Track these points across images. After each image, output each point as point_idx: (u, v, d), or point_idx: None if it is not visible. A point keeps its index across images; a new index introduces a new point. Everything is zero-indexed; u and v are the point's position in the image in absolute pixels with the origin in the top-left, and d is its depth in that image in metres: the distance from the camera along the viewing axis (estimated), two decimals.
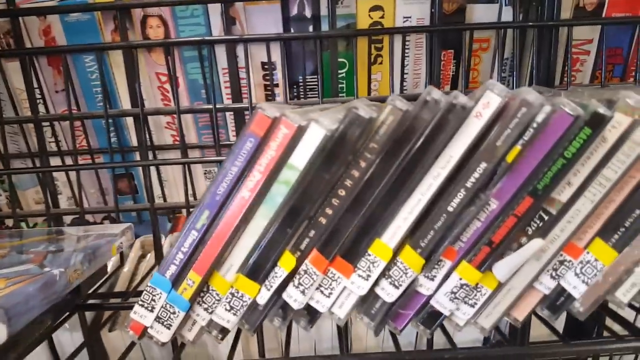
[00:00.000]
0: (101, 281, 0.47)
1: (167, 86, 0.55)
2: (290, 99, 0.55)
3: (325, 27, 0.52)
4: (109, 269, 0.52)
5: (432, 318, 0.34)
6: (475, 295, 0.33)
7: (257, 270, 0.32)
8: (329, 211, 0.32)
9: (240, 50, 0.53)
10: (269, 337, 0.63)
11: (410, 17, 0.53)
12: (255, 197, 0.31)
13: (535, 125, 0.29)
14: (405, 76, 0.55)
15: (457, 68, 0.55)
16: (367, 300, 0.34)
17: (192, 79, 0.55)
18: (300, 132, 0.30)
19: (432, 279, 0.33)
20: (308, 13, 0.52)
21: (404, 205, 0.32)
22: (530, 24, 0.50)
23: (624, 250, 0.32)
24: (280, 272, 0.32)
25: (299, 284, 0.32)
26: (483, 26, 0.51)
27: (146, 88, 0.55)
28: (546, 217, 0.31)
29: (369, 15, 0.52)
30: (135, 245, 0.58)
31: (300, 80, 0.55)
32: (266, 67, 0.54)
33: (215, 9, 0.52)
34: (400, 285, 0.32)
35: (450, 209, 0.32)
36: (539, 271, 0.32)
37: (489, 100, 0.30)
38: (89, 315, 0.55)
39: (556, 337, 0.40)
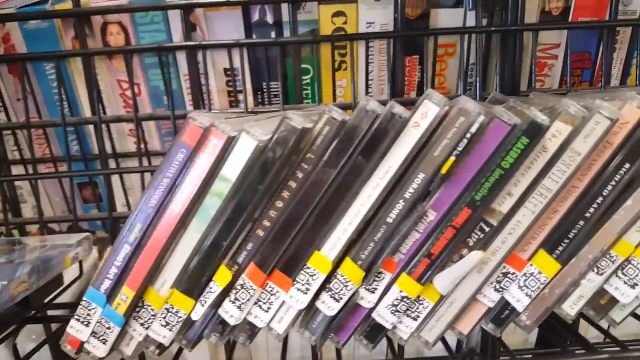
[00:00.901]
0: (57, 292, 0.47)
1: (129, 93, 0.54)
2: (255, 105, 0.55)
3: (288, 33, 0.51)
4: (68, 279, 0.51)
5: (374, 331, 0.33)
6: (418, 308, 0.32)
7: (191, 285, 0.32)
8: (266, 223, 0.31)
9: (200, 56, 0.52)
10: (238, 345, 0.62)
11: (373, 23, 0.52)
12: (187, 209, 0.30)
13: (468, 135, 0.28)
14: (370, 82, 0.55)
15: (423, 74, 0.55)
16: (308, 314, 0.33)
17: (154, 86, 0.54)
18: (231, 142, 0.29)
19: (373, 292, 0.32)
20: (270, 19, 0.52)
21: (343, 216, 0.31)
22: (493, 28, 0.49)
23: (571, 261, 0.32)
24: (215, 287, 0.31)
25: (236, 299, 0.32)
26: (444, 31, 0.51)
27: (108, 95, 0.55)
28: (487, 229, 0.31)
29: (332, 21, 0.52)
30: (93, 255, 0.58)
31: (265, 87, 0.54)
32: (229, 73, 0.53)
33: (175, 15, 0.51)
34: (341, 298, 0.32)
35: (389, 220, 0.31)
36: (481, 284, 0.31)
37: (427, 110, 0.30)
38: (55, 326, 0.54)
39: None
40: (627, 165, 0.30)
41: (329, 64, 0.52)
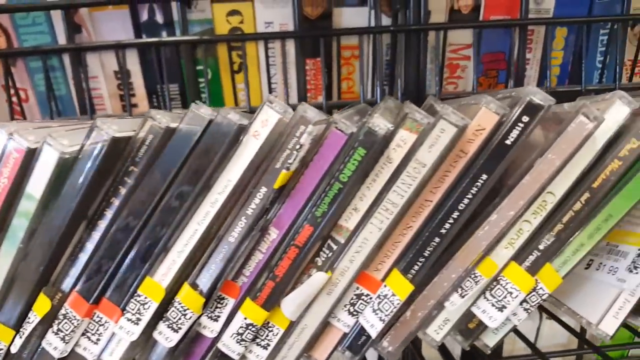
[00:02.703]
0: None
1: (16, 99, 0.50)
2: (151, 108, 0.51)
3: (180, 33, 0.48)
4: None
5: None
6: (267, 335, 0.29)
7: (10, 315, 0.28)
8: (89, 246, 0.28)
9: (89, 58, 0.49)
10: None
11: (272, 23, 0.49)
12: None
13: (298, 147, 0.25)
14: (274, 86, 0.51)
15: (330, 77, 0.52)
16: (148, 346, 0.30)
17: (41, 91, 0.50)
18: (32, 155, 0.25)
19: (216, 320, 0.29)
20: (160, 19, 0.48)
21: (179, 236, 0.28)
22: (392, 28, 0.46)
23: (433, 281, 0.29)
24: (33, 317, 0.28)
25: (59, 329, 0.28)
26: (340, 32, 0.48)
27: None
28: (335, 247, 0.28)
29: (227, 20, 0.49)
30: None
31: (159, 90, 0.51)
32: (119, 76, 0.50)
33: (59, 16, 0.47)
34: (180, 328, 0.28)
35: (231, 239, 0.28)
36: (331, 307, 0.28)
37: (268, 118, 0.27)
38: None
39: None
40: (484, 177, 0.27)
41: (226, 65, 0.49)
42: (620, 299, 0.30)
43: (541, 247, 0.29)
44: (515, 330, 0.32)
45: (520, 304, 0.29)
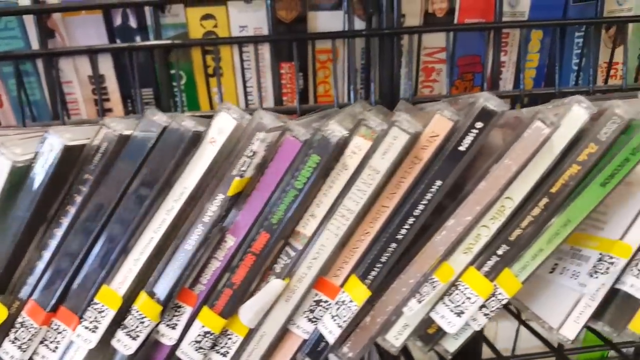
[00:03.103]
0: None
1: None
2: (125, 113, 0.51)
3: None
4: None
5: None
6: (226, 343, 0.29)
7: None
8: (46, 254, 0.27)
9: (63, 63, 0.49)
10: None
11: (246, 26, 0.49)
12: None
13: (250, 153, 0.25)
14: (250, 90, 0.51)
15: (306, 81, 0.52)
16: (107, 353, 0.30)
17: (15, 96, 0.50)
18: None
19: (174, 328, 0.29)
20: (133, 23, 0.48)
21: (135, 244, 0.28)
22: (364, 32, 0.46)
23: (391, 286, 0.29)
24: None
25: (16, 338, 0.28)
26: (313, 36, 0.48)
27: None
28: (293, 253, 0.28)
29: (201, 24, 0.48)
30: None
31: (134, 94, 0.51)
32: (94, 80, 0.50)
33: (32, 21, 0.47)
34: (138, 336, 0.28)
35: (187, 247, 0.28)
36: (290, 314, 0.28)
37: (224, 125, 0.26)
38: None
39: None
40: (438, 183, 0.27)
41: (201, 69, 0.49)
42: (581, 304, 0.30)
43: (500, 252, 0.29)
44: (478, 334, 0.32)
45: (480, 309, 0.29)
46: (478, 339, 0.38)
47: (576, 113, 0.28)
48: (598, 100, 0.39)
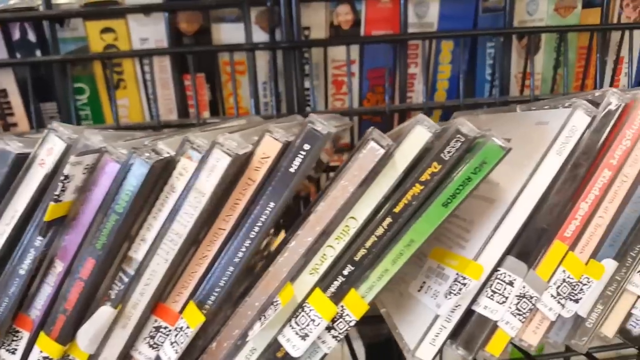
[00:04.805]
0: None
1: None
2: (30, 128, 0.50)
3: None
4: None
5: None
6: None
7: None
8: None
9: None
10: None
11: (147, 39, 0.48)
12: None
13: (63, 177, 0.24)
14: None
15: (213, 93, 0.51)
16: None
17: None
18: None
19: (13, 353, 0.28)
20: (32, 37, 0.47)
21: None
22: (261, 45, 0.46)
23: (238, 310, 0.28)
24: None
25: None
26: (213, 48, 0.47)
27: None
28: (126, 279, 0.27)
29: (101, 37, 0.48)
30: None
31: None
32: None
33: None
34: None
35: (21, 272, 0.27)
36: (128, 340, 0.28)
37: (53, 146, 0.26)
38: None
39: None
40: (272, 204, 0.26)
41: (103, 82, 0.48)
42: (436, 325, 0.30)
43: (345, 272, 0.28)
44: None
45: (329, 330, 0.29)
46: None
47: (420, 132, 0.27)
48: (512, 112, 0.39)
